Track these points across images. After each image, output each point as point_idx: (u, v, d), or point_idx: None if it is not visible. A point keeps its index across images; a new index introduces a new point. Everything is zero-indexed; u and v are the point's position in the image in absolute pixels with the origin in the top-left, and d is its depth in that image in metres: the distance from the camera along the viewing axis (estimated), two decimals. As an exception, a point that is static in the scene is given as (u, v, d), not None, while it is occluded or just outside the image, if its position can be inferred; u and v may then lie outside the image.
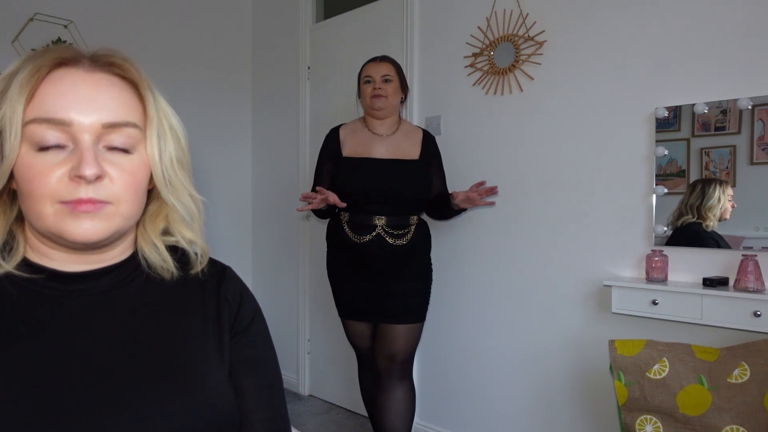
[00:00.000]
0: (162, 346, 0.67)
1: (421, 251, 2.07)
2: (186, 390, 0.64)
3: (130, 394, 0.61)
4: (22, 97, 0.58)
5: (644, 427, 1.60)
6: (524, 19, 2.12)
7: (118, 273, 0.68)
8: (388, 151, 2.05)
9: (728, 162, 1.68)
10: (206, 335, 0.71)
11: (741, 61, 1.65)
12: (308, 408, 2.90)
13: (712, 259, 1.71)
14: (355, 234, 1.99)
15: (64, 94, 0.60)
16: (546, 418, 2.09)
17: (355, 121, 2.17)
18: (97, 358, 0.62)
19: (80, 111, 0.60)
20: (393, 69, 2.07)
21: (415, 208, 2.05)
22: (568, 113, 2.02)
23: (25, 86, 0.58)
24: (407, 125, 2.15)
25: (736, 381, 1.49)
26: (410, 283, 2.02)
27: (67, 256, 0.65)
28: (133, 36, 2.79)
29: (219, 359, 0.71)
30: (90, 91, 0.61)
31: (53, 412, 0.57)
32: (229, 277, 0.78)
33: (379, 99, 2.02)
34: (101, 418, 0.58)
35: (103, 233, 0.61)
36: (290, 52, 3.11)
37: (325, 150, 2.12)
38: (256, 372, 0.75)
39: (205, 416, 0.64)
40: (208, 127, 3.16)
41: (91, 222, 0.60)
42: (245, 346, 0.75)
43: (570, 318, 2.02)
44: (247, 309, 0.77)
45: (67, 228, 0.59)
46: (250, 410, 0.72)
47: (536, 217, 2.11)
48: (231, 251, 3.28)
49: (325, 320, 2.94)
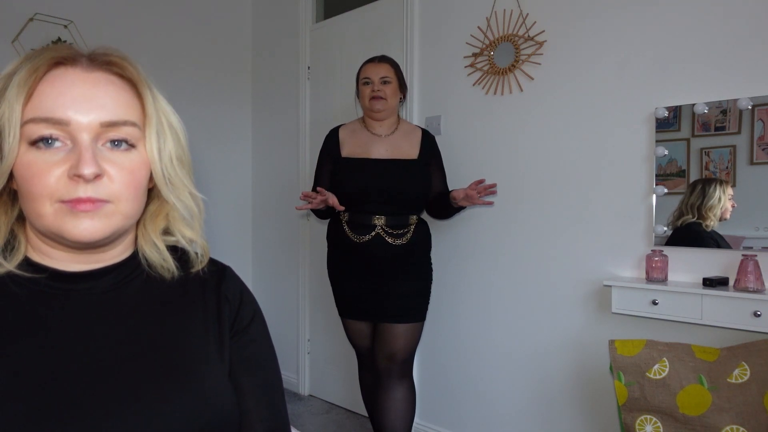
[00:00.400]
0: (162, 346, 0.67)
1: (421, 251, 2.07)
2: (186, 389, 0.64)
3: (130, 393, 0.61)
4: (20, 97, 0.58)
5: (644, 427, 1.60)
6: (524, 19, 2.12)
7: (119, 273, 0.69)
8: (387, 152, 2.05)
9: (728, 162, 1.68)
10: (207, 335, 0.71)
11: (741, 61, 1.65)
12: (308, 408, 2.90)
13: (712, 259, 1.71)
14: (355, 234, 1.99)
15: (63, 94, 0.60)
16: (546, 418, 2.09)
17: (354, 122, 2.18)
18: (98, 357, 0.62)
19: (78, 110, 0.60)
20: (392, 70, 2.07)
21: (414, 208, 2.06)
22: (568, 113, 2.02)
23: (23, 86, 0.58)
24: (406, 125, 2.16)
25: (736, 381, 1.49)
26: (410, 283, 2.02)
27: (68, 256, 0.65)
28: (133, 36, 2.79)
29: (219, 359, 0.71)
30: (88, 90, 0.61)
31: (54, 411, 0.57)
32: (229, 277, 0.78)
33: (377, 102, 2.02)
34: (102, 417, 0.58)
35: (102, 232, 0.61)
36: (290, 52, 3.11)
37: (324, 150, 2.13)
38: (256, 371, 0.75)
39: (206, 415, 0.64)
40: (208, 127, 3.16)
41: (91, 221, 0.60)
42: (245, 345, 0.75)
43: (570, 318, 2.02)
44: (247, 308, 0.77)
45: (67, 227, 0.59)
46: (249, 410, 0.72)
47: (536, 217, 2.11)
48: (231, 251, 3.28)
49: (325, 320, 2.94)
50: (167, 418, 0.61)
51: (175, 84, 2.93)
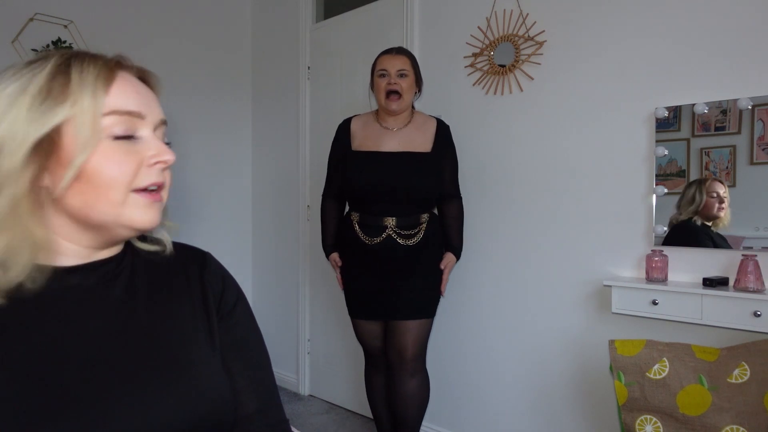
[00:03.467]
0: (154, 337, 0.68)
1: (433, 246, 2.04)
2: (181, 380, 0.65)
3: (124, 386, 0.62)
4: (100, 92, 0.62)
5: (644, 427, 1.60)
6: (524, 19, 2.12)
7: (107, 267, 0.69)
8: (399, 145, 2.00)
9: (728, 162, 1.68)
10: (196, 323, 0.72)
11: (741, 61, 1.65)
12: (308, 408, 2.90)
13: (712, 259, 1.71)
14: (366, 235, 1.98)
15: (136, 92, 0.66)
16: (546, 418, 2.09)
17: (367, 114, 2.14)
18: (91, 352, 0.63)
19: (148, 107, 0.66)
20: (409, 62, 2.01)
21: (425, 206, 2.02)
22: (568, 113, 2.02)
23: (102, 81, 0.62)
24: (421, 117, 2.10)
25: (736, 381, 1.49)
26: (422, 279, 2.00)
27: (80, 250, 0.66)
28: (133, 36, 2.79)
29: (211, 347, 0.72)
30: (145, 90, 0.68)
31: (48, 408, 0.57)
32: (209, 263, 0.80)
33: (393, 101, 1.97)
34: (97, 412, 0.59)
35: (158, 219, 0.67)
36: (290, 52, 3.11)
37: (336, 142, 2.11)
38: (244, 353, 0.76)
39: (201, 404, 0.65)
40: (208, 127, 3.16)
41: (157, 212, 0.67)
42: (231, 327, 0.76)
43: (570, 318, 2.02)
44: (230, 292, 0.79)
45: (137, 214, 0.64)
46: (240, 390, 0.74)
47: (536, 217, 2.11)
48: (231, 251, 3.28)
49: (325, 320, 2.94)
50: (163, 410, 0.62)
51: (175, 84, 2.93)
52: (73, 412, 0.57)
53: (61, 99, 0.60)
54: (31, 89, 0.59)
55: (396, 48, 2.06)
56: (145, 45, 2.84)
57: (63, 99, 0.60)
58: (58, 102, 0.59)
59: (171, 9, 3.00)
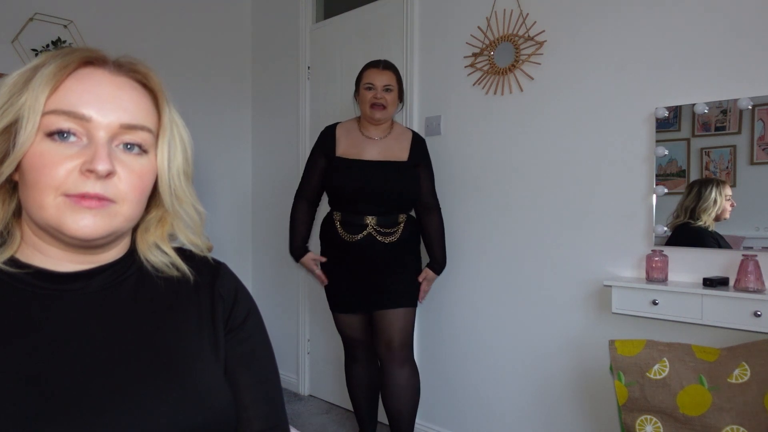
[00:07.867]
0: (156, 345, 0.67)
1: (410, 246, 2.16)
2: (180, 388, 0.65)
3: (123, 393, 0.61)
4: (46, 88, 0.60)
5: (644, 427, 1.60)
6: (524, 19, 2.12)
7: (111, 272, 0.69)
8: (379, 154, 2.12)
9: (728, 162, 1.68)
10: (201, 333, 0.71)
11: (741, 61, 1.65)
12: (308, 408, 2.90)
13: (712, 259, 1.71)
14: (347, 233, 2.07)
15: (88, 91, 0.62)
16: (546, 418, 2.09)
17: (351, 121, 2.22)
18: (91, 357, 0.62)
19: (101, 109, 0.62)
20: (394, 78, 2.12)
21: (403, 207, 2.13)
22: (568, 113, 2.02)
23: (51, 78, 0.60)
24: (399, 128, 2.21)
25: (737, 381, 1.49)
26: (401, 274, 2.11)
27: (63, 254, 0.65)
28: (132, 36, 2.79)
29: (214, 357, 0.71)
30: (113, 91, 0.63)
31: (47, 412, 0.57)
32: (223, 274, 0.78)
33: (378, 111, 2.08)
34: (95, 418, 0.58)
35: (102, 231, 0.61)
36: (290, 52, 3.11)
37: (320, 146, 2.18)
38: (252, 367, 0.75)
39: (200, 414, 0.65)
40: (208, 127, 3.16)
41: (93, 218, 0.60)
42: (240, 341, 0.75)
43: (570, 318, 2.02)
44: (241, 306, 0.77)
45: (67, 221, 0.60)
46: (246, 406, 0.73)
47: (536, 217, 2.11)
48: (231, 251, 3.28)
49: (325, 320, 2.94)
50: (161, 418, 0.61)
51: (175, 84, 2.92)
52: (67, 418, 0.57)
53: (21, 93, 0.60)
54: (9, 81, 0.61)
55: (383, 62, 2.14)
56: (145, 45, 2.84)
57: (21, 94, 0.60)
58: (20, 96, 0.60)
59: (171, 9, 2.99)
